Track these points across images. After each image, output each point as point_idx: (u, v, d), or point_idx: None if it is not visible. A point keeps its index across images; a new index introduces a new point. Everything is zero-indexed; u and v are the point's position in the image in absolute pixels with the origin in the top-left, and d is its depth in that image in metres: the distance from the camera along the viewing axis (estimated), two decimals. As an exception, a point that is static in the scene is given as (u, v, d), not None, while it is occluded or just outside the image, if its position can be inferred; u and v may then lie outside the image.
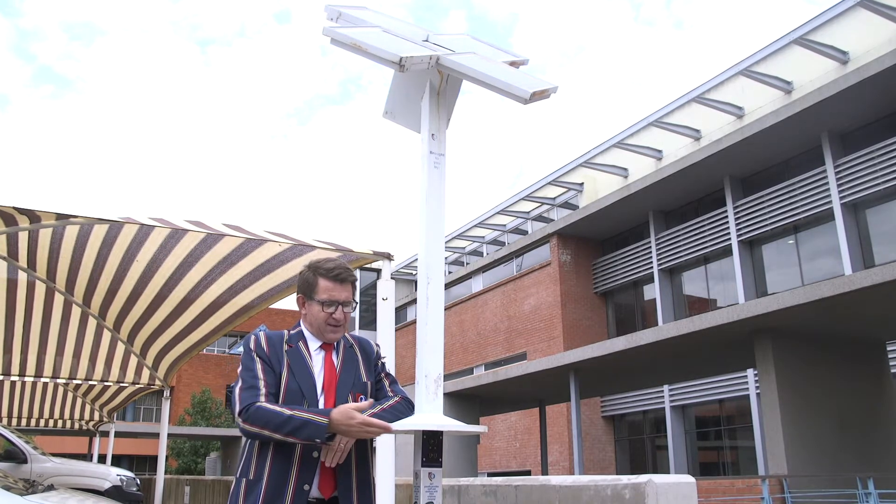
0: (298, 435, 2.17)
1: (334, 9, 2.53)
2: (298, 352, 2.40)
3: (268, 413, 2.20)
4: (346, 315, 2.44)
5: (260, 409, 2.21)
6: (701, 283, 22.34)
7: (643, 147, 23.61)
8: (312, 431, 2.16)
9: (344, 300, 2.43)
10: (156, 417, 38.21)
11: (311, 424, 2.17)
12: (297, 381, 2.33)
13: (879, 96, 16.28)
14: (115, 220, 3.82)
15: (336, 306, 2.41)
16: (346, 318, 2.45)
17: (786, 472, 10.53)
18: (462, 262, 32.89)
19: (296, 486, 2.22)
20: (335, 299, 2.41)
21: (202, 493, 13.49)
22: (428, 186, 2.30)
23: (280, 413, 2.19)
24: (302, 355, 2.39)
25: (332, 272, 2.44)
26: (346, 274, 2.46)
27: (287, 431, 2.18)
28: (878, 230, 17.34)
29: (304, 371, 2.36)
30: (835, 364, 11.78)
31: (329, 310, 2.41)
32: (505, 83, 2.14)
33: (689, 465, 21.47)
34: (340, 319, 2.43)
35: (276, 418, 2.18)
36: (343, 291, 2.43)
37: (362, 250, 4.38)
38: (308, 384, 2.33)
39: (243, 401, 2.25)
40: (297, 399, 2.30)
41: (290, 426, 2.17)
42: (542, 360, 15.44)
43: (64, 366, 8.58)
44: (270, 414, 2.20)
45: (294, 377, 2.33)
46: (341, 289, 2.43)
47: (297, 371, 2.35)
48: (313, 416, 2.19)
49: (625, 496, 3.79)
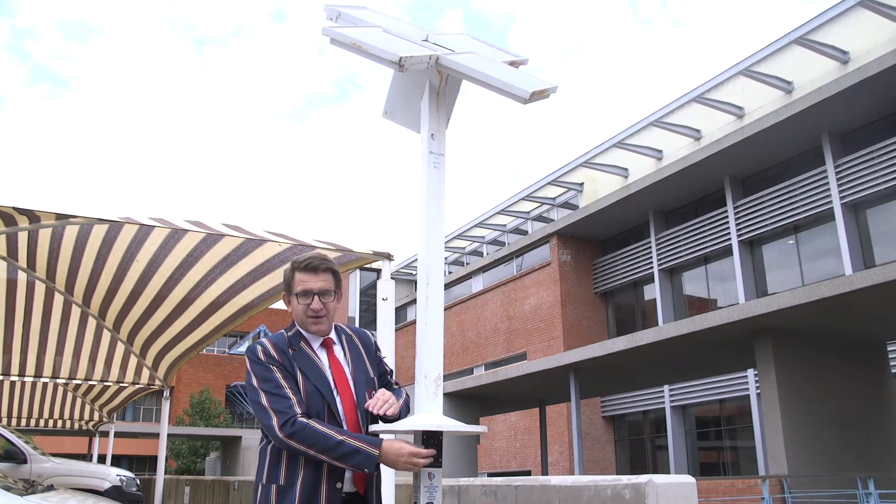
0: (347, 462, 2.15)
1: (334, 9, 2.52)
2: (304, 353, 2.37)
3: (317, 434, 2.16)
4: (325, 305, 2.38)
5: (308, 429, 2.17)
6: (701, 283, 22.34)
7: (643, 147, 23.60)
8: (362, 461, 2.14)
9: (319, 290, 2.37)
10: (155, 417, 38.19)
11: (361, 454, 2.14)
12: (314, 383, 2.30)
13: (879, 96, 16.28)
14: (114, 220, 3.82)
15: (311, 296, 2.37)
16: (326, 308, 2.39)
17: (786, 472, 10.53)
18: (462, 262, 32.88)
19: (328, 485, 2.21)
20: (310, 289, 2.37)
21: (202, 493, 13.48)
22: (428, 186, 2.30)
23: (331, 437, 2.16)
24: (309, 356, 2.37)
25: (303, 263, 2.42)
26: (317, 262, 2.42)
27: (335, 456, 2.15)
28: (878, 230, 17.34)
29: (317, 372, 2.33)
30: (835, 364, 11.77)
31: (305, 301, 2.37)
32: (505, 83, 2.14)
33: (690, 466, 21.46)
34: (318, 309, 2.37)
35: (325, 441, 2.15)
36: (317, 281, 2.38)
37: (362, 250, 4.38)
38: (324, 385, 2.31)
39: (281, 413, 2.20)
40: (317, 402, 2.27)
41: (339, 451, 2.15)
42: (542, 360, 15.43)
43: (64, 366, 8.57)
44: (319, 435, 2.16)
45: (309, 380, 2.30)
46: (315, 278, 2.39)
47: (310, 373, 2.32)
48: (365, 445, 2.16)
49: (625, 496, 3.78)
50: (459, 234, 31.70)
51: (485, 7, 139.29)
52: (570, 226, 24.72)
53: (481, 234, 31.67)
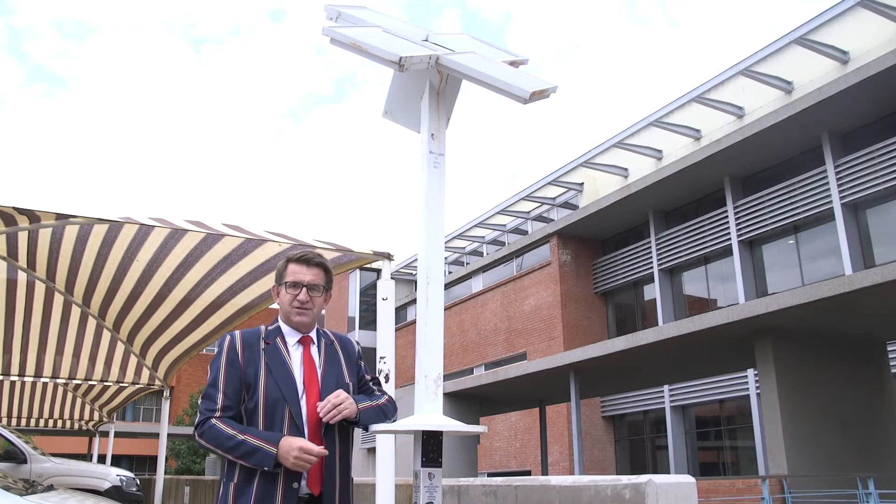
0: (248, 460, 2.20)
1: (334, 8, 2.52)
2: (276, 349, 2.37)
3: (220, 434, 2.23)
4: (312, 299, 2.42)
5: (213, 429, 2.24)
6: (701, 283, 22.33)
7: (643, 147, 23.60)
8: (261, 459, 2.18)
9: (309, 282, 2.41)
10: (155, 417, 38.18)
11: (260, 452, 2.19)
12: (277, 381, 2.30)
13: (879, 96, 16.28)
14: (114, 220, 3.82)
15: (300, 288, 2.40)
16: (313, 303, 2.42)
17: (786, 472, 10.53)
18: (462, 262, 32.88)
19: (285, 484, 2.21)
20: (299, 280, 2.41)
21: (202, 493, 13.48)
22: (428, 186, 2.30)
23: (232, 436, 2.21)
24: (279, 353, 2.36)
25: (297, 256, 2.47)
26: (311, 256, 2.47)
27: (238, 455, 2.21)
28: (878, 230, 17.33)
29: (283, 370, 2.33)
30: (835, 364, 11.77)
31: (293, 291, 2.41)
32: (505, 83, 2.14)
33: (690, 466, 21.46)
34: (305, 301, 2.40)
35: (227, 441, 2.21)
36: (308, 273, 2.43)
37: (362, 250, 4.38)
38: (288, 384, 2.30)
39: (201, 413, 2.29)
40: (278, 402, 2.27)
41: (240, 450, 2.20)
42: (542, 360, 15.43)
43: (63, 366, 8.57)
44: (222, 436, 2.22)
45: (272, 377, 2.30)
46: (307, 271, 2.43)
47: (276, 370, 2.32)
48: (263, 443, 2.19)
49: (625, 496, 3.78)
50: (459, 234, 31.69)
51: (482, 6, 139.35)
52: (570, 226, 24.72)
53: (481, 234, 31.67)
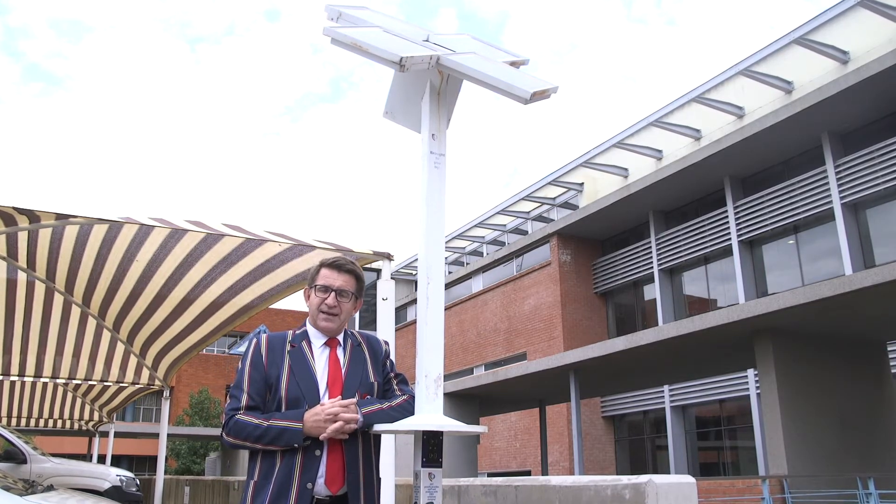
0: (278, 443, 2.21)
1: (334, 9, 2.52)
2: (301, 352, 2.39)
3: (245, 426, 2.24)
4: (340, 304, 2.44)
5: (238, 423, 2.26)
6: (701, 283, 22.34)
7: (643, 147, 23.61)
8: (290, 437, 2.20)
9: (339, 287, 2.44)
10: (155, 418, 38.17)
11: (288, 431, 2.21)
12: (298, 383, 2.32)
13: (879, 96, 16.28)
14: (114, 220, 3.82)
15: (330, 292, 2.43)
16: (341, 308, 2.44)
17: (786, 472, 10.53)
18: (462, 262, 32.88)
19: (299, 484, 2.22)
20: (329, 285, 2.44)
21: (202, 493, 13.48)
22: (428, 186, 2.30)
23: (257, 425, 2.23)
24: (304, 355, 2.38)
25: (331, 260, 2.50)
26: (344, 262, 2.50)
27: (267, 441, 2.22)
28: (878, 230, 17.34)
29: (306, 372, 2.35)
30: (835, 364, 11.77)
31: (322, 295, 2.43)
32: (505, 83, 2.14)
33: (690, 466, 21.46)
34: (332, 305, 2.42)
35: (254, 430, 2.23)
36: (339, 278, 2.46)
37: (362, 250, 4.38)
38: (309, 386, 2.32)
39: (226, 414, 2.31)
40: (298, 401, 2.29)
41: (268, 437, 2.22)
42: (542, 360, 15.43)
43: (63, 366, 8.57)
44: (248, 427, 2.24)
45: (294, 378, 2.32)
46: (338, 276, 2.46)
47: (298, 372, 2.34)
48: (289, 422, 2.22)
49: (625, 496, 3.78)
50: (459, 234, 31.70)
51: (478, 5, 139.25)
52: (570, 226, 24.73)
53: (481, 234, 31.67)
